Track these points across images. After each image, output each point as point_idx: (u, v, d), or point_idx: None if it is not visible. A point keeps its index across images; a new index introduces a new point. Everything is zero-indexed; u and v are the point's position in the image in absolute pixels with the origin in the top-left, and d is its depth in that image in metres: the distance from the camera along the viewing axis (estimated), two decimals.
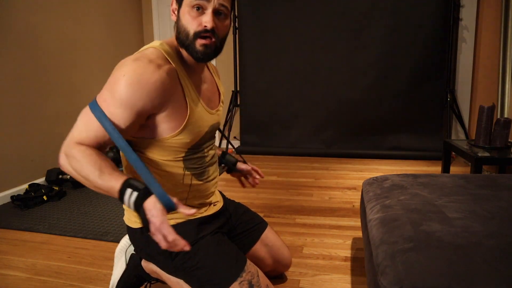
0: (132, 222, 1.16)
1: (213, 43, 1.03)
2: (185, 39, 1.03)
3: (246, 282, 1.11)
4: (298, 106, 3.90)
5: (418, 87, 3.60)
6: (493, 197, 1.28)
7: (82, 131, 0.96)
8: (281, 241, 1.47)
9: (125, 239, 1.45)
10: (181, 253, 1.11)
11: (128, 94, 0.94)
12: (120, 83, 0.95)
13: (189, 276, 1.13)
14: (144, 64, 0.97)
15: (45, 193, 2.53)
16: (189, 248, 0.86)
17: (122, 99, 0.95)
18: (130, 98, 0.95)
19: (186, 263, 1.12)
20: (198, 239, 1.14)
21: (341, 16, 3.64)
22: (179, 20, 1.04)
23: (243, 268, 1.13)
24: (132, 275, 1.36)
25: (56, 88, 3.04)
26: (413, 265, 0.88)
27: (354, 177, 3.01)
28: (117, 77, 0.96)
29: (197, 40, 1.02)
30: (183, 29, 1.03)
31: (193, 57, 1.05)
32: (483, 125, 2.25)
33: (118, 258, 1.43)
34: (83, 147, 0.94)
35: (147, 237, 1.12)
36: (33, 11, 2.79)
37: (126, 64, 0.97)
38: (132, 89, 0.94)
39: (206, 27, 1.00)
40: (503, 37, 2.83)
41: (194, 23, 1.01)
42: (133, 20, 4.12)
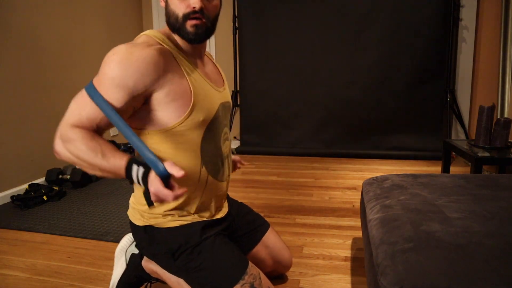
0: (136, 219, 1.15)
1: (203, 23, 1.04)
2: (175, 23, 1.05)
3: (248, 284, 1.11)
4: (298, 106, 3.90)
5: (418, 87, 3.60)
6: (493, 197, 1.28)
7: (76, 114, 0.96)
8: (282, 243, 1.47)
9: (125, 239, 1.45)
10: (184, 254, 1.11)
11: (119, 73, 0.94)
12: (110, 63, 0.95)
13: (191, 277, 1.13)
14: (134, 45, 0.99)
15: (45, 193, 2.53)
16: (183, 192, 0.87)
17: (114, 78, 0.94)
18: (121, 77, 0.94)
19: (189, 264, 1.11)
20: (201, 240, 1.13)
21: (341, 15, 3.64)
22: (168, 5, 1.06)
23: (245, 271, 1.13)
24: (132, 275, 1.36)
25: (56, 88, 3.04)
26: (413, 265, 0.88)
27: (354, 177, 3.01)
28: (107, 59, 0.96)
29: (187, 22, 1.03)
30: (172, 13, 1.04)
31: (186, 39, 1.06)
32: (483, 125, 2.25)
33: (118, 258, 1.43)
34: (80, 130, 0.92)
35: (150, 236, 1.12)
36: (33, 11, 2.79)
37: (117, 48, 0.98)
38: (122, 67, 0.94)
39: (194, 8, 1.01)
40: (503, 37, 2.83)
41: (182, 6, 1.02)
42: (133, 20, 4.12)
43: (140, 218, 1.14)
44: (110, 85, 0.95)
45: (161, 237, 1.12)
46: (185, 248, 1.11)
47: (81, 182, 2.83)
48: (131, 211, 1.18)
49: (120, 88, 0.95)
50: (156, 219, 1.12)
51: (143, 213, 1.13)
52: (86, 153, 0.89)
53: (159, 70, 0.99)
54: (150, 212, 1.12)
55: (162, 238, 1.12)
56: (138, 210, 1.14)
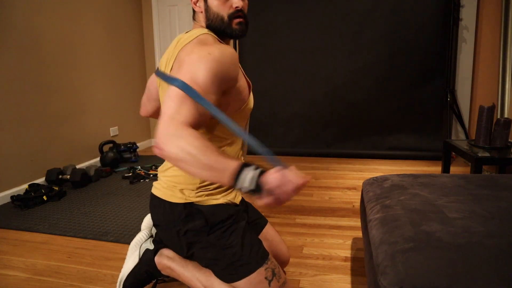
0: (175, 197, 1.17)
1: (244, 21, 1.15)
2: (220, 24, 1.13)
3: (270, 269, 1.17)
4: (298, 106, 3.90)
5: (418, 87, 3.60)
6: (493, 197, 1.28)
7: (182, 112, 0.90)
8: (279, 237, 1.48)
9: (141, 234, 1.47)
10: (220, 231, 1.16)
11: (217, 69, 0.97)
12: (207, 61, 0.96)
13: (220, 254, 1.16)
14: (216, 44, 1.05)
15: (45, 193, 2.53)
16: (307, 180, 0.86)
17: (211, 74, 0.95)
18: (218, 73, 0.97)
19: (221, 240, 1.16)
20: (235, 221, 1.19)
21: (341, 16, 3.64)
22: (210, 9, 1.13)
23: (268, 257, 1.19)
24: (143, 270, 1.37)
25: (56, 88, 3.04)
26: (413, 265, 0.88)
27: (354, 177, 3.01)
28: (201, 56, 0.96)
29: (233, 21, 1.13)
30: (216, 16, 1.12)
31: (233, 36, 1.15)
32: (483, 125, 2.25)
33: (132, 251, 1.44)
34: (192, 129, 0.88)
35: (189, 211, 1.17)
36: (33, 11, 2.79)
37: (203, 47, 1.01)
38: (219, 64, 0.98)
39: (237, 7, 1.12)
40: (503, 37, 2.84)
41: (225, 8, 1.12)
42: (133, 20, 4.12)
43: (180, 196, 1.17)
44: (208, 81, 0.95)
45: (203, 211, 1.17)
46: (223, 224, 1.17)
47: (81, 182, 2.83)
48: (165, 191, 1.19)
49: (216, 83, 0.97)
50: (200, 197, 1.17)
51: (184, 190, 1.17)
52: (199, 149, 0.84)
53: (238, 66, 1.08)
54: (197, 190, 1.17)
55: (204, 212, 1.17)
56: (178, 188, 1.18)
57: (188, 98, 0.90)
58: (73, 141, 3.22)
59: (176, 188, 1.18)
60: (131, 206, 2.43)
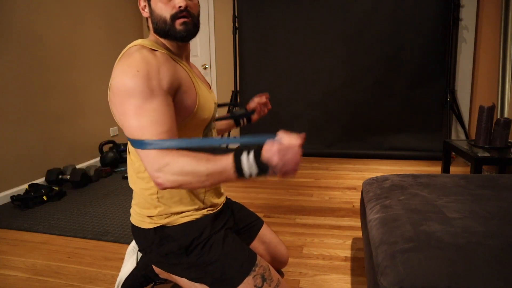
0: (144, 223, 1.15)
1: (190, 20, 1.07)
2: (164, 26, 1.06)
3: (259, 276, 1.13)
4: (298, 106, 3.90)
5: (418, 87, 3.60)
6: (493, 197, 1.28)
7: (151, 151, 0.91)
8: (277, 238, 1.47)
9: None
10: (198, 248, 1.13)
11: (146, 81, 0.93)
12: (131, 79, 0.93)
13: (203, 271, 1.14)
14: (139, 54, 0.98)
15: (45, 193, 2.53)
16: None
17: (145, 90, 0.93)
18: (149, 84, 0.93)
19: (201, 258, 1.13)
20: (212, 234, 1.15)
21: (341, 16, 3.64)
22: (153, 12, 1.07)
23: (255, 263, 1.15)
24: (141, 274, 1.37)
25: (56, 88, 3.04)
26: (413, 265, 0.88)
27: (354, 177, 3.01)
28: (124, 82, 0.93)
29: (176, 21, 1.05)
30: (159, 18, 1.06)
31: (177, 38, 1.07)
32: (483, 125, 2.25)
33: (129, 255, 1.44)
34: (169, 151, 0.89)
35: (161, 236, 1.13)
36: (33, 11, 2.79)
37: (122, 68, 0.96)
38: (145, 74, 0.94)
39: (180, 7, 1.04)
40: (503, 37, 2.83)
41: (168, 8, 1.05)
42: (133, 20, 4.12)
43: (148, 221, 1.14)
44: (148, 99, 0.93)
45: (174, 234, 1.13)
46: (198, 242, 1.13)
47: (81, 182, 2.83)
48: (136, 217, 1.18)
49: (158, 95, 0.95)
50: (167, 218, 1.13)
51: (152, 216, 1.14)
52: (189, 163, 0.86)
53: (172, 71, 1.02)
54: (159, 214, 1.13)
55: (174, 235, 1.13)
56: (146, 215, 1.15)
57: (151, 145, 0.89)
58: (73, 141, 3.22)
59: (144, 215, 1.15)
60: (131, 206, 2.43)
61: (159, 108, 0.94)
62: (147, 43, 1.07)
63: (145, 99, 0.93)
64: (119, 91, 0.95)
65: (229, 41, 4.08)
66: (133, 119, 0.92)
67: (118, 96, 0.95)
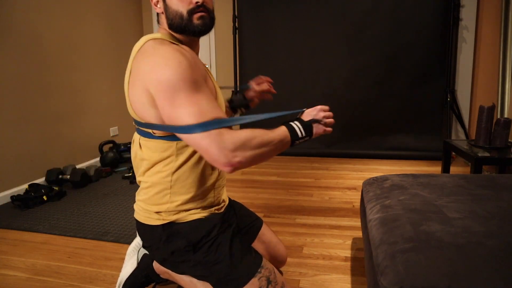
0: (152, 219, 1.14)
1: (207, 15, 1.08)
2: (180, 22, 1.05)
3: (264, 278, 1.12)
4: (298, 106, 3.89)
5: (418, 87, 3.60)
6: (493, 197, 1.28)
7: (219, 137, 0.92)
8: (276, 238, 1.47)
9: (139, 238, 1.45)
10: (205, 247, 1.12)
11: (191, 72, 0.95)
12: (175, 72, 0.93)
13: (209, 270, 1.13)
14: (169, 47, 0.99)
15: (45, 193, 2.53)
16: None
17: (191, 81, 0.94)
18: (193, 74, 0.95)
19: (208, 257, 1.12)
20: (219, 233, 1.14)
21: (341, 16, 3.64)
22: (169, 8, 1.07)
23: (261, 264, 1.14)
24: (141, 275, 1.37)
25: (56, 88, 3.04)
26: (413, 265, 0.88)
27: (354, 177, 3.01)
28: (169, 75, 0.93)
29: (193, 16, 1.05)
30: (175, 14, 1.05)
31: (195, 33, 1.07)
32: (483, 125, 2.25)
33: (130, 256, 1.43)
34: (240, 130, 0.94)
35: (169, 232, 1.12)
36: (33, 11, 2.79)
37: (158, 62, 0.95)
38: (187, 64, 0.95)
39: (197, 3, 1.04)
40: (503, 37, 2.83)
41: (184, 4, 1.05)
42: (133, 20, 4.12)
43: (156, 218, 1.13)
44: (194, 90, 0.95)
45: (183, 231, 1.12)
46: (206, 240, 1.12)
47: (81, 182, 2.83)
48: (143, 214, 1.17)
49: (200, 84, 0.97)
50: (176, 215, 1.12)
51: (160, 212, 1.13)
52: (262, 136, 0.96)
53: (200, 65, 1.06)
54: (173, 209, 1.12)
55: (183, 232, 1.12)
56: (153, 211, 1.14)
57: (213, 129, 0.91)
58: (73, 141, 3.22)
59: (152, 211, 1.14)
60: (131, 206, 2.43)
61: (208, 96, 0.97)
62: (164, 37, 1.07)
63: (193, 89, 0.94)
64: (164, 86, 0.93)
65: (229, 41, 4.08)
66: (190, 107, 0.92)
67: (163, 91, 0.93)
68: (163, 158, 1.08)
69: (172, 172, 1.09)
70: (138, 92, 1.01)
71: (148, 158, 1.11)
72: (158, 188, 1.12)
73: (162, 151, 1.07)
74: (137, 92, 1.01)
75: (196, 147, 0.94)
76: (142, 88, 0.99)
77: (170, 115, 0.95)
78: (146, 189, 1.14)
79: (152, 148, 1.09)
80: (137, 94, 1.01)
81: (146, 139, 1.09)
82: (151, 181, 1.12)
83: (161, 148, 1.07)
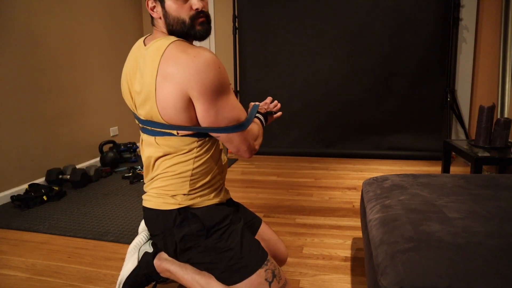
0: (168, 204, 1.16)
1: (206, 19, 1.12)
2: (182, 28, 1.09)
3: (270, 270, 1.16)
4: (298, 106, 3.89)
5: (418, 87, 3.60)
6: (493, 197, 1.28)
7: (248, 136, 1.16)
8: (276, 236, 1.47)
9: (140, 237, 1.46)
10: (218, 233, 1.15)
11: (226, 76, 1.07)
12: (218, 77, 1.03)
13: (218, 257, 1.15)
14: (206, 51, 1.05)
15: (45, 193, 2.53)
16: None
17: (228, 83, 1.08)
18: (227, 77, 1.08)
19: (219, 243, 1.14)
20: (231, 223, 1.19)
21: (341, 15, 3.64)
22: (168, 14, 1.09)
23: (267, 258, 1.18)
24: (142, 273, 1.37)
25: (56, 88, 3.04)
26: (413, 265, 0.88)
27: (354, 177, 3.01)
28: (213, 80, 1.02)
29: (195, 22, 1.09)
30: (177, 20, 1.09)
31: (197, 38, 1.13)
32: (483, 125, 2.25)
33: (130, 254, 1.43)
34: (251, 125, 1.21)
35: (184, 216, 1.16)
36: (33, 11, 2.79)
37: (199, 67, 1.01)
38: (224, 69, 1.06)
39: (198, 9, 1.08)
40: (503, 37, 2.84)
41: (185, 10, 1.08)
42: (133, 20, 4.12)
43: (172, 202, 1.16)
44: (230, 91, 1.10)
45: (198, 214, 1.16)
46: (220, 226, 1.16)
47: (81, 182, 2.83)
48: (156, 200, 1.18)
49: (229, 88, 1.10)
50: (193, 200, 1.16)
51: (176, 196, 1.16)
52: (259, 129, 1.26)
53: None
54: (189, 193, 1.16)
55: (199, 216, 1.15)
56: (169, 195, 1.16)
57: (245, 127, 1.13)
58: (73, 141, 3.22)
59: (167, 195, 1.16)
60: (131, 206, 2.43)
61: (234, 96, 1.13)
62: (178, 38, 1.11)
63: (229, 91, 1.09)
64: (208, 90, 1.02)
65: (229, 41, 4.08)
66: (230, 110, 1.08)
67: (205, 94, 1.02)
68: (185, 152, 1.13)
69: (193, 163, 1.14)
70: (172, 95, 1.03)
71: (168, 153, 1.14)
72: (178, 177, 1.15)
73: (185, 145, 1.12)
74: (172, 95, 1.03)
75: (230, 143, 1.13)
76: (180, 92, 1.02)
77: (215, 116, 1.07)
78: (163, 179, 1.17)
79: (174, 144, 1.12)
80: (172, 97, 1.03)
81: (166, 138, 1.12)
82: (171, 170, 1.15)
83: (183, 144, 1.12)
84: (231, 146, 1.14)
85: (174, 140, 1.12)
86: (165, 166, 1.15)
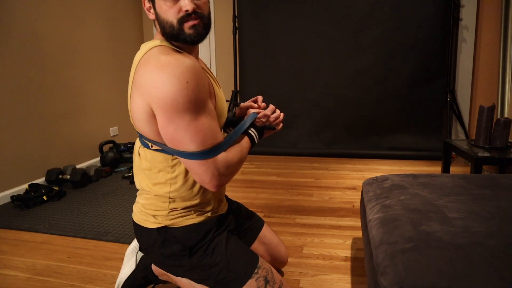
0: (148, 222, 1.14)
1: (199, 22, 1.01)
2: (171, 30, 1.00)
3: (262, 278, 1.12)
4: (298, 106, 3.89)
5: (418, 87, 3.60)
6: (493, 197, 1.28)
7: (211, 165, 1.00)
8: (277, 239, 1.47)
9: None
10: (201, 250, 1.12)
11: (197, 94, 0.93)
12: (181, 93, 0.90)
13: (205, 274, 1.13)
14: (178, 61, 0.93)
15: (45, 193, 2.53)
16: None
17: (197, 103, 0.94)
18: (200, 96, 0.94)
19: (204, 260, 1.12)
20: (215, 236, 1.15)
21: (341, 15, 3.64)
22: (159, 16, 1.02)
23: (258, 265, 1.14)
24: (140, 276, 1.37)
25: (56, 88, 3.04)
26: (413, 265, 0.88)
27: (354, 177, 3.01)
28: (173, 95, 0.90)
29: (184, 25, 0.99)
30: (166, 22, 1.00)
31: (187, 42, 1.02)
32: (483, 125, 2.25)
33: (128, 257, 1.43)
34: (227, 151, 1.04)
35: (164, 236, 1.12)
36: (34, 12, 2.79)
37: (163, 77, 0.91)
38: (195, 85, 0.93)
39: (187, 11, 0.98)
40: (503, 37, 2.83)
41: (173, 12, 0.99)
42: (133, 20, 4.12)
43: (153, 221, 1.13)
44: (196, 110, 0.95)
45: (178, 235, 1.12)
46: (202, 244, 1.12)
47: (81, 182, 2.83)
48: (140, 216, 1.17)
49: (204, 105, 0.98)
50: (172, 220, 1.12)
51: (157, 216, 1.13)
52: (240, 153, 1.08)
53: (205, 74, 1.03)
54: (169, 213, 1.12)
55: (178, 236, 1.12)
56: (150, 214, 1.14)
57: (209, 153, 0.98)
58: (73, 141, 3.22)
59: (149, 214, 1.14)
60: (131, 206, 2.43)
61: (211, 117, 0.99)
62: (165, 43, 1.03)
63: (198, 112, 0.94)
64: (167, 106, 0.91)
65: (229, 41, 4.08)
66: (192, 134, 0.94)
67: (165, 110, 0.92)
68: (160, 169, 1.08)
69: (170, 185, 1.09)
70: (139, 106, 0.98)
71: (147, 168, 1.11)
72: (157, 198, 1.13)
73: (158, 161, 1.08)
74: (138, 105, 0.98)
75: (190, 171, 1.00)
76: (144, 103, 0.96)
77: (172, 136, 0.95)
78: (146, 195, 1.15)
79: (150, 158, 1.09)
80: (138, 108, 0.99)
81: (144, 149, 1.10)
82: (152, 191, 1.12)
83: (158, 160, 1.08)
84: (191, 173, 1.00)
85: (150, 153, 1.08)
86: (147, 184, 1.13)
